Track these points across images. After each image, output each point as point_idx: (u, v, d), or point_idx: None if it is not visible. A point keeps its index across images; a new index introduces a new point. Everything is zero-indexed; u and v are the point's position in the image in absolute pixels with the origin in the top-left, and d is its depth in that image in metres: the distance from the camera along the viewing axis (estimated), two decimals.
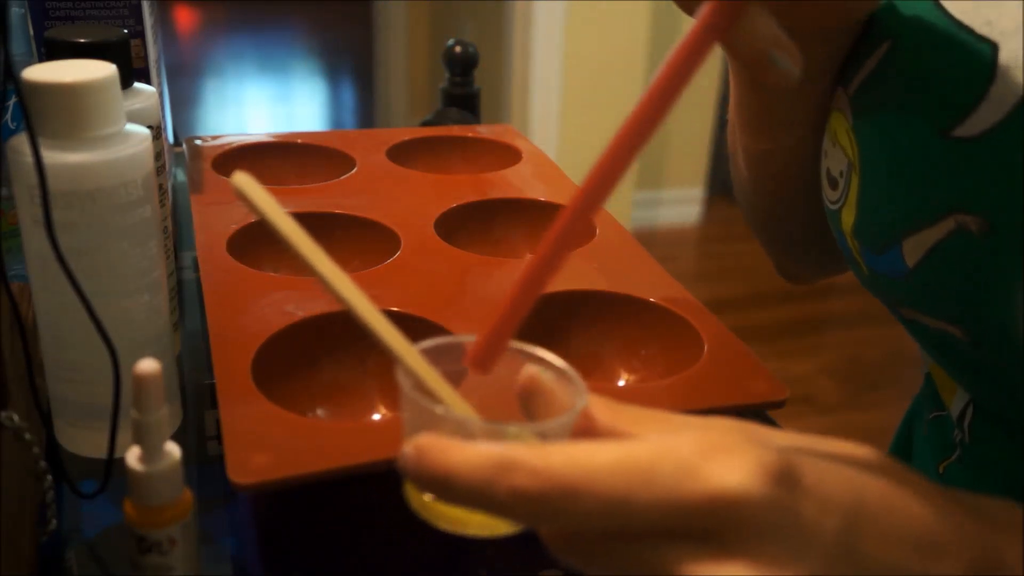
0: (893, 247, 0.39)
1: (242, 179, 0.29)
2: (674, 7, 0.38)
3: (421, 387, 0.31)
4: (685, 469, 0.25)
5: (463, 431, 0.28)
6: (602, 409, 0.30)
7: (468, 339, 0.32)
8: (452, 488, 0.26)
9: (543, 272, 0.30)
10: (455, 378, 0.32)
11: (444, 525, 0.32)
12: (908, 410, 0.57)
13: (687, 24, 0.30)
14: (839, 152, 0.43)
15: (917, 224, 0.37)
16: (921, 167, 0.37)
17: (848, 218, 0.42)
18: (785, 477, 0.25)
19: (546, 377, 0.31)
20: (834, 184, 0.43)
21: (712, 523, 0.25)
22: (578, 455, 0.25)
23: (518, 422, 0.31)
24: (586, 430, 0.30)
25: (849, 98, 0.42)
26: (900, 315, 0.43)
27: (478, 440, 0.27)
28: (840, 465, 0.28)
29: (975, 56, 0.35)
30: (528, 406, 0.31)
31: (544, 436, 0.30)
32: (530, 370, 0.31)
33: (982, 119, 0.34)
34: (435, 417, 0.29)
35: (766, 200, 0.55)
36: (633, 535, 0.26)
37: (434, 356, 0.31)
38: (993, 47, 0.34)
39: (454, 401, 0.31)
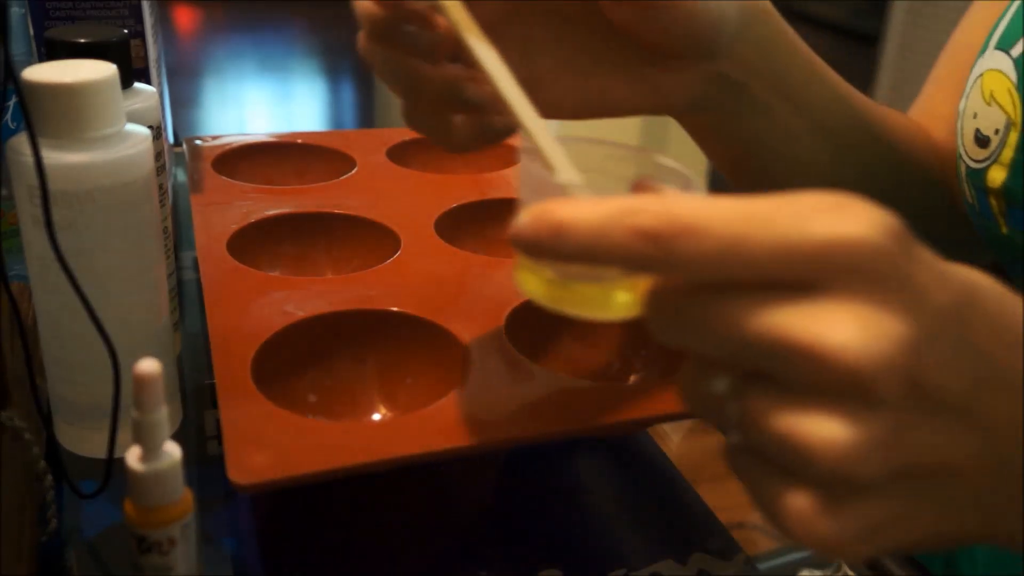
0: None
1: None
2: None
3: (538, 156, 0.32)
4: (804, 216, 0.24)
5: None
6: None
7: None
8: (569, 234, 0.26)
9: None
10: None
11: (564, 307, 0.31)
12: None
13: None
14: (995, 111, 0.44)
15: None
16: None
17: (997, 176, 0.44)
18: (904, 239, 0.25)
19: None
20: (984, 143, 0.45)
21: (823, 270, 0.24)
22: (699, 202, 0.25)
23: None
24: None
25: (1014, 59, 0.44)
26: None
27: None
28: (953, 264, 0.27)
29: None
30: None
31: None
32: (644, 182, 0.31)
33: None
34: (550, 185, 0.30)
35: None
36: (735, 285, 0.25)
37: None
38: None
39: (570, 171, 0.32)
